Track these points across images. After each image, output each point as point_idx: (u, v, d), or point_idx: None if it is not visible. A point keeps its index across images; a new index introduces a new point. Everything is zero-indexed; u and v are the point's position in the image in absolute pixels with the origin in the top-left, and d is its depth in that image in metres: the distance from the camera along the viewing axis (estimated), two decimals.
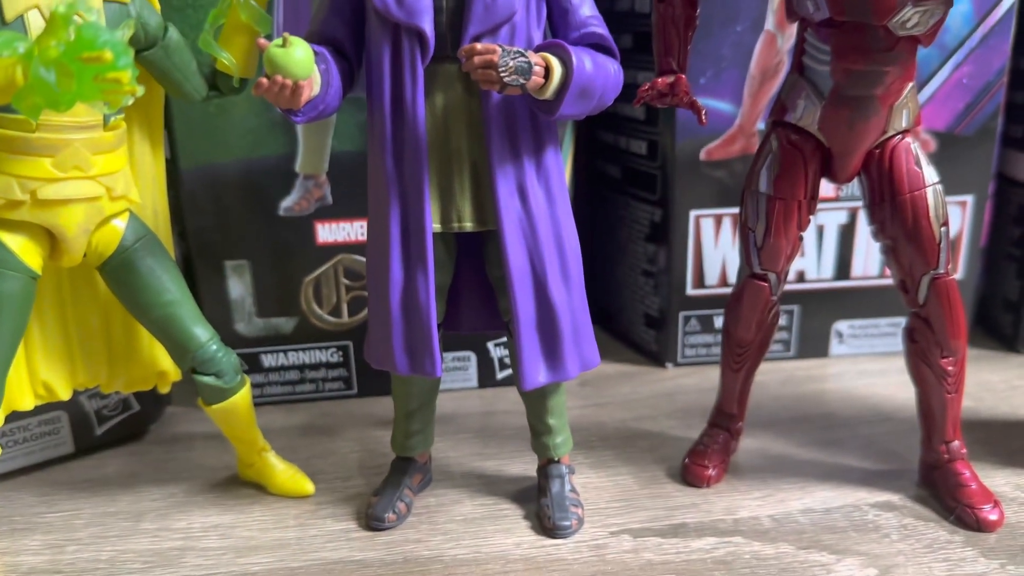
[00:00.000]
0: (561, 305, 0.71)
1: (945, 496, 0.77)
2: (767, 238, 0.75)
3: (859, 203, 1.02)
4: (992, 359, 1.08)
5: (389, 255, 0.70)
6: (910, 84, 0.71)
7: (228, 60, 0.73)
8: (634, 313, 1.12)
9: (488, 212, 0.70)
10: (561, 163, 0.72)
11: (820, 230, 1.03)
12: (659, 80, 0.73)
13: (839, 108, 0.71)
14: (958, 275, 1.07)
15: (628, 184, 1.09)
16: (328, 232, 0.95)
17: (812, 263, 1.05)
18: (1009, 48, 0.99)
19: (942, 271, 0.73)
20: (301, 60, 0.60)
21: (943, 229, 0.72)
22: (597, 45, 0.69)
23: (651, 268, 1.07)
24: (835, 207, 1.03)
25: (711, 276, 1.05)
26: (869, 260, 1.05)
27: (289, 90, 0.61)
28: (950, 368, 0.75)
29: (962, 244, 1.06)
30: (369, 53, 0.69)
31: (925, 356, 0.76)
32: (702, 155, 1.00)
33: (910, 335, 0.76)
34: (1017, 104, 1.06)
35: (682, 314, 1.06)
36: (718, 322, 1.06)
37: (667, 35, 0.75)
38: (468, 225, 0.70)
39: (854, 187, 1.02)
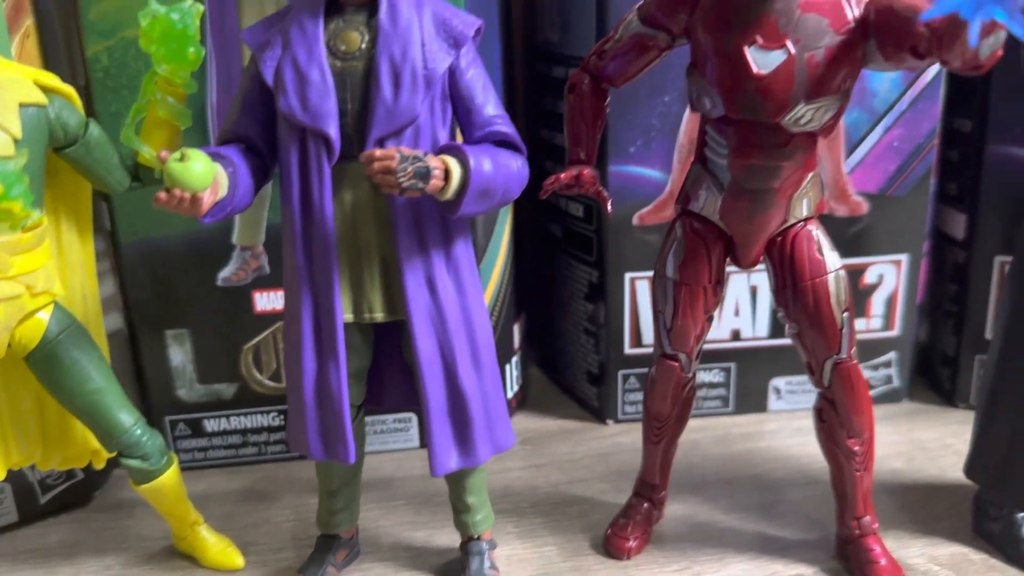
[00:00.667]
0: (472, 393, 0.73)
1: (856, 571, 0.78)
2: (675, 321, 0.77)
3: None
4: (930, 414, 1.10)
5: (302, 345, 0.72)
6: (810, 174, 0.73)
7: (149, 154, 0.75)
8: (578, 369, 1.14)
9: (398, 302, 0.72)
10: (472, 252, 0.74)
11: (754, 290, 1.05)
12: (562, 175, 0.75)
13: (738, 200, 0.72)
14: (894, 332, 1.08)
15: (568, 244, 1.11)
16: (266, 301, 0.97)
17: (747, 322, 1.06)
18: (939, 110, 1.01)
19: (844, 356, 0.74)
20: (199, 174, 0.62)
21: (845, 315, 0.74)
22: (502, 142, 0.71)
23: (591, 327, 1.09)
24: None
25: (648, 336, 1.06)
26: None
27: (187, 202, 0.63)
28: (857, 448, 0.77)
29: (898, 302, 1.07)
30: (279, 151, 0.71)
31: (832, 436, 0.77)
32: (635, 220, 1.01)
33: (819, 414, 0.78)
34: (951, 162, 1.08)
35: (621, 372, 1.08)
36: None
37: (575, 126, 0.77)
38: (379, 316, 0.72)
39: None
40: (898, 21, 0.63)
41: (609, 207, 0.76)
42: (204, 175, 0.63)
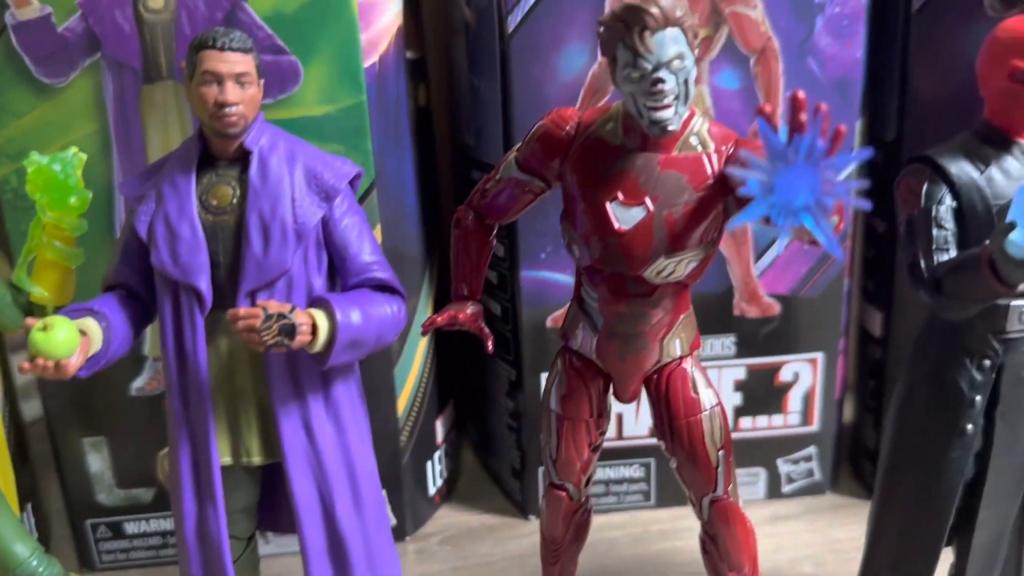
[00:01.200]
0: (352, 536, 0.74)
1: None
2: (559, 453, 0.78)
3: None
4: (853, 508, 1.10)
5: (181, 487, 0.73)
6: (682, 316, 0.74)
7: (40, 294, 0.76)
8: (504, 462, 1.15)
9: (276, 446, 0.73)
10: (354, 392, 0.75)
11: None
12: (439, 317, 0.76)
13: (611, 341, 0.73)
14: (813, 427, 1.09)
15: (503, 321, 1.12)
16: None
17: None
18: (850, 212, 1.01)
19: (721, 494, 0.75)
20: (62, 342, 0.64)
21: (721, 453, 0.74)
22: (380, 287, 0.72)
23: (512, 423, 1.10)
24: None
25: None
26: None
27: (51, 370, 0.64)
28: None
29: (815, 399, 1.08)
30: (157, 299, 0.72)
31: (715, 567, 0.78)
32: (548, 322, 1.02)
33: (702, 544, 0.79)
34: (870, 261, 1.08)
35: (540, 468, 1.08)
36: None
37: (459, 262, 0.78)
38: (256, 459, 0.74)
39: (712, 346, 1.04)
40: None
41: (490, 346, 0.77)
42: (68, 342, 0.64)
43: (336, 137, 0.91)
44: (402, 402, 1.03)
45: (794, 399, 1.08)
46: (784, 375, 1.07)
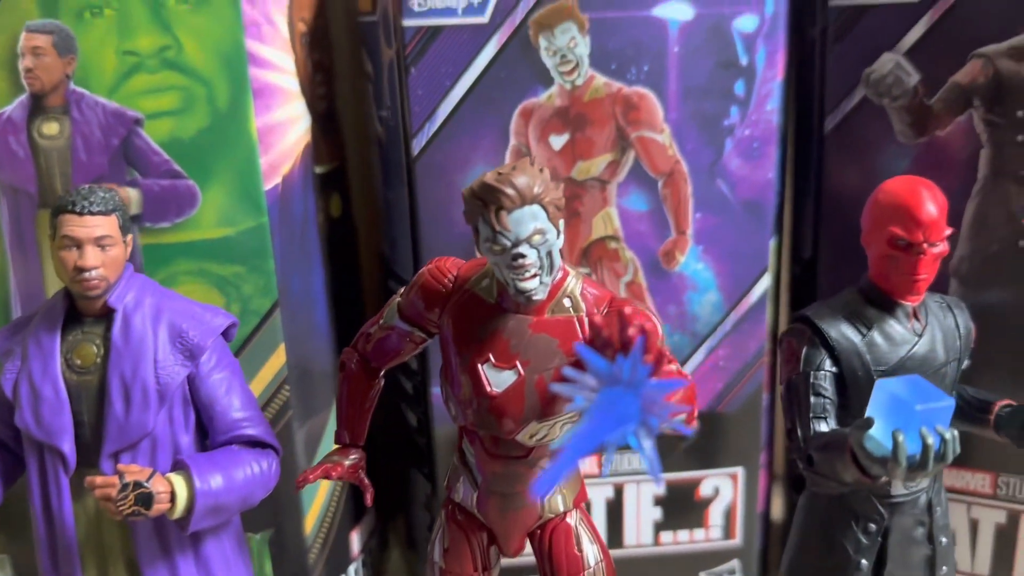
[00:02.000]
0: None
1: None
2: None
3: None
4: None
5: None
6: None
7: None
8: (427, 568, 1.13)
9: None
10: (227, 547, 0.74)
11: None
12: (311, 475, 0.74)
13: (490, 498, 0.72)
14: (736, 541, 1.07)
15: (409, 452, 1.10)
16: None
17: None
18: (766, 331, 1.00)
19: None
20: None
21: None
22: (251, 442, 0.71)
23: (429, 536, 1.08)
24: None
25: None
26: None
27: None
28: None
29: (737, 513, 1.06)
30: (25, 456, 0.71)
31: None
32: None
33: None
34: None
35: None
36: None
37: (343, 407, 0.77)
38: None
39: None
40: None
41: (368, 499, 0.75)
42: None
43: (236, 259, 0.90)
44: (310, 520, 1.01)
45: (715, 513, 1.06)
46: (704, 490, 1.05)
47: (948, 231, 0.66)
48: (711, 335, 0.99)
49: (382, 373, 0.78)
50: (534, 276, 0.63)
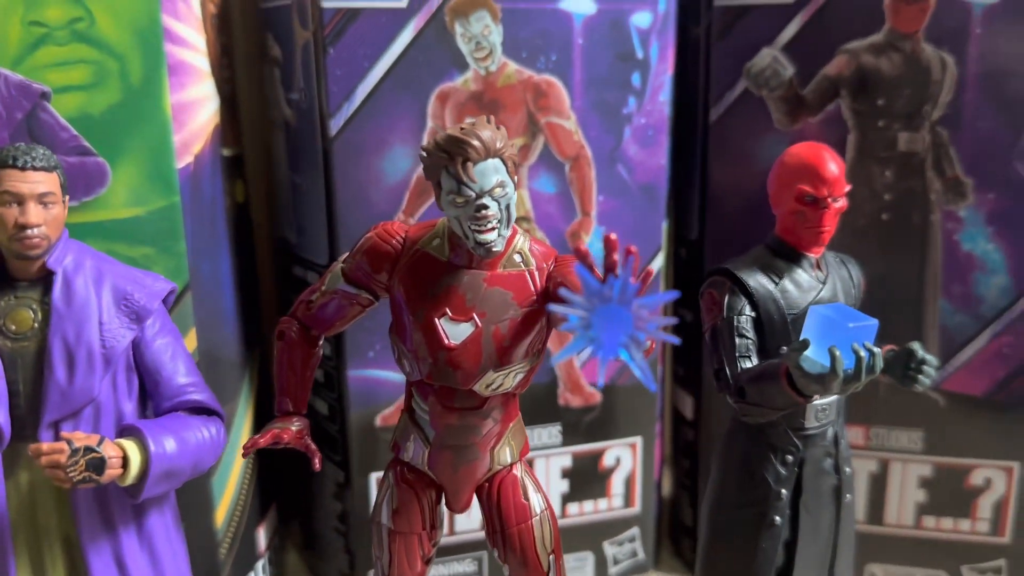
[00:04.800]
0: None
1: None
2: (391, 569, 0.77)
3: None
4: None
5: None
6: (511, 424, 0.75)
7: None
8: (331, 565, 1.11)
9: None
10: (169, 519, 0.71)
11: None
12: (260, 439, 0.73)
13: (442, 452, 0.74)
14: (635, 509, 1.13)
15: (318, 440, 1.09)
16: None
17: None
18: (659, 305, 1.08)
19: None
20: None
21: (551, 557, 0.76)
22: (195, 409, 0.69)
23: (340, 526, 1.07)
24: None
25: None
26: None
27: None
28: None
29: (636, 482, 1.12)
30: None
31: None
32: (378, 421, 1.01)
33: None
34: (679, 348, 1.15)
35: (370, 572, 1.06)
36: None
37: (283, 376, 0.76)
38: None
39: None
40: None
41: (316, 463, 0.75)
42: None
43: (146, 240, 0.87)
44: (221, 514, 0.98)
45: (617, 483, 1.12)
46: (607, 460, 1.10)
47: (847, 187, 0.75)
48: None
49: (321, 342, 0.78)
50: (493, 229, 0.66)
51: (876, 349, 0.62)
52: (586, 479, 1.10)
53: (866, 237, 1.00)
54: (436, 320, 0.69)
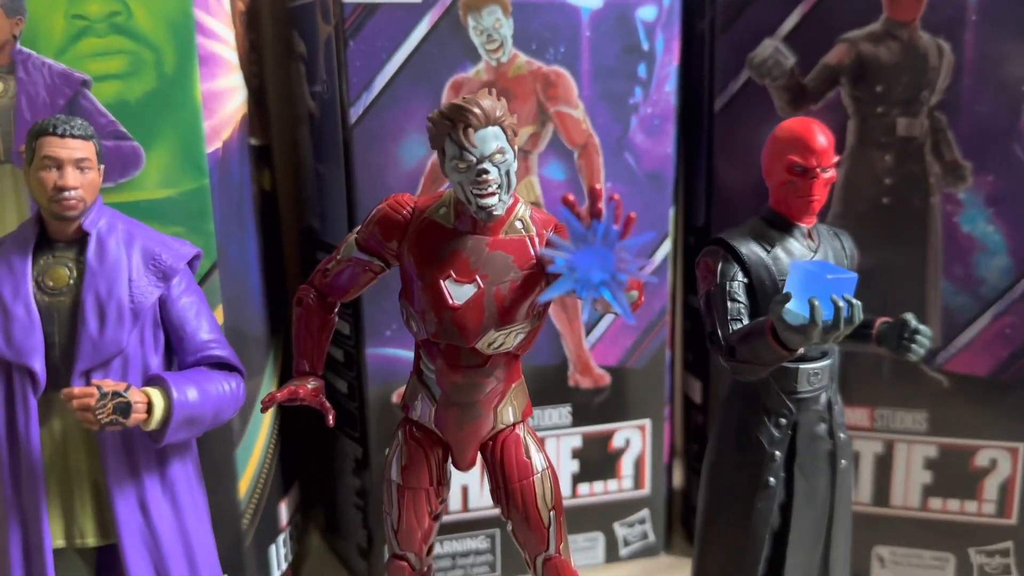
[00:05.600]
0: None
1: None
2: (400, 523, 0.80)
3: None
4: (685, 567, 1.15)
5: (11, 571, 0.71)
6: (514, 384, 0.79)
7: None
8: (350, 542, 1.15)
9: (111, 526, 0.73)
10: (192, 471, 0.76)
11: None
12: (278, 394, 0.78)
13: (448, 410, 0.78)
14: (645, 491, 1.16)
15: (338, 417, 1.13)
16: None
17: None
18: (668, 290, 1.11)
19: (553, 553, 0.79)
20: None
21: (552, 513, 0.79)
22: (218, 364, 0.74)
23: (359, 501, 1.11)
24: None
25: None
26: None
27: None
28: None
29: (645, 463, 1.15)
30: None
31: None
32: (394, 398, 1.06)
33: None
34: (689, 334, 1.18)
35: (387, 547, 1.10)
36: None
37: (301, 339, 0.81)
38: (90, 540, 0.73)
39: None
40: None
41: (331, 420, 0.80)
42: None
43: (178, 220, 0.93)
44: (244, 485, 1.02)
45: (626, 464, 1.15)
46: (616, 441, 1.14)
47: (836, 158, 0.78)
48: None
49: (336, 310, 0.83)
50: (494, 193, 0.71)
51: (855, 300, 0.65)
52: (596, 460, 1.13)
53: (868, 221, 1.02)
54: (441, 282, 0.73)
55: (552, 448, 1.12)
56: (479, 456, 0.81)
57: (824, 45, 1.00)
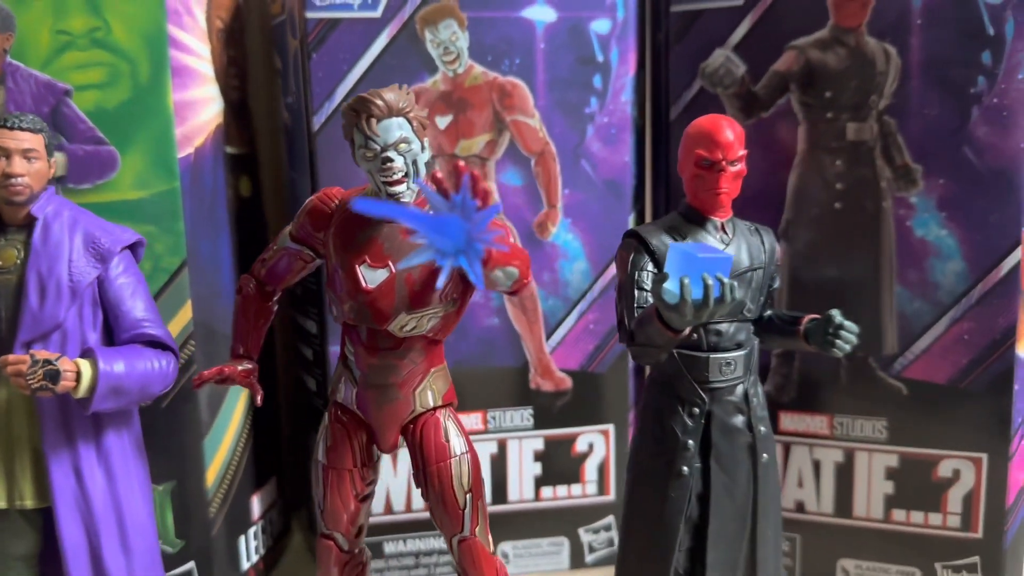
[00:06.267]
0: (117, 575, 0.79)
1: None
2: (326, 503, 0.84)
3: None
4: None
5: None
6: (434, 369, 0.82)
7: None
8: None
9: (48, 490, 0.78)
10: (128, 444, 0.81)
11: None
12: (206, 373, 0.83)
13: (367, 391, 0.81)
14: (610, 497, 1.16)
15: (308, 415, 1.18)
16: None
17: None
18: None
19: (467, 534, 0.82)
20: None
21: (468, 496, 0.82)
22: (151, 343, 0.80)
23: None
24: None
25: (398, 502, 1.13)
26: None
27: None
28: None
29: (610, 469, 1.16)
30: None
31: None
32: None
33: None
34: None
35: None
36: (387, 547, 1.13)
37: (239, 324, 0.86)
38: (29, 503, 0.79)
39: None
40: None
41: (258, 400, 0.84)
42: None
43: (150, 219, 0.99)
44: (212, 473, 1.07)
45: (590, 469, 1.16)
46: (580, 446, 1.15)
47: (743, 152, 0.80)
48: (580, 301, 1.11)
49: (276, 298, 0.88)
50: (401, 181, 0.75)
51: (727, 280, 0.67)
52: (559, 464, 1.15)
53: (820, 226, 1.03)
54: (356, 266, 0.77)
55: (514, 450, 1.14)
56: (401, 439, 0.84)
57: (774, 53, 1.02)
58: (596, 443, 1.15)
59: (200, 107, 1.04)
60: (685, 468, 0.81)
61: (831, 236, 1.03)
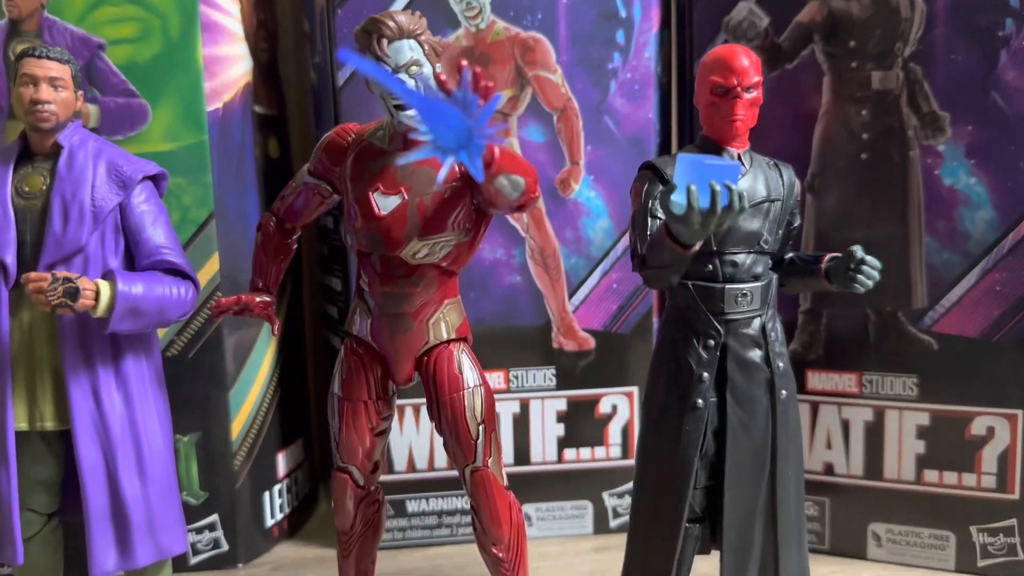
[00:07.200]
0: (134, 499, 0.80)
1: None
2: (341, 435, 0.84)
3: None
4: None
5: None
6: (447, 301, 0.82)
7: None
8: None
9: (67, 412, 0.79)
10: (147, 372, 0.82)
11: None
12: (224, 300, 0.84)
13: (381, 322, 0.82)
14: (633, 461, 1.14)
15: None
16: None
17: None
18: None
19: (479, 464, 0.81)
20: None
21: (480, 427, 0.81)
22: (170, 270, 0.81)
23: None
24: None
25: (421, 460, 1.13)
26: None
27: None
28: (501, 555, 0.82)
29: (633, 432, 1.14)
30: None
31: (481, 542, 0.83)
32: None
33: (472, 524, 0.84)
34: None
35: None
36: (410, 506, 1.13)
37: (258, 259, 0.87)
38: (49, 424, 0.80)
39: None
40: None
41: (275, 330, 0.85)
42: None
43: (179, 171, 1.02)
44: (236, 426, 1.08)
45: (614, 432, 1.14)
46: (603, 407, 1.14)
47: (758, 79, 0.79)
48: (603, 259, 1.11)
49: (295, 236, 0.89)
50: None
51: (734, 186, 0.66)
52: (583, 425, 1.14)
53: (846, 177, 1.01)
54: (370, 194, 0.78)
55: (536, 411, 1.13)
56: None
57: (796, 4, 1.02)
58: (620, 405, 1.14)
59: (229, 64, 1.06)
60: (700, 401, 0.79)
61: (858, 187, 1.01)
